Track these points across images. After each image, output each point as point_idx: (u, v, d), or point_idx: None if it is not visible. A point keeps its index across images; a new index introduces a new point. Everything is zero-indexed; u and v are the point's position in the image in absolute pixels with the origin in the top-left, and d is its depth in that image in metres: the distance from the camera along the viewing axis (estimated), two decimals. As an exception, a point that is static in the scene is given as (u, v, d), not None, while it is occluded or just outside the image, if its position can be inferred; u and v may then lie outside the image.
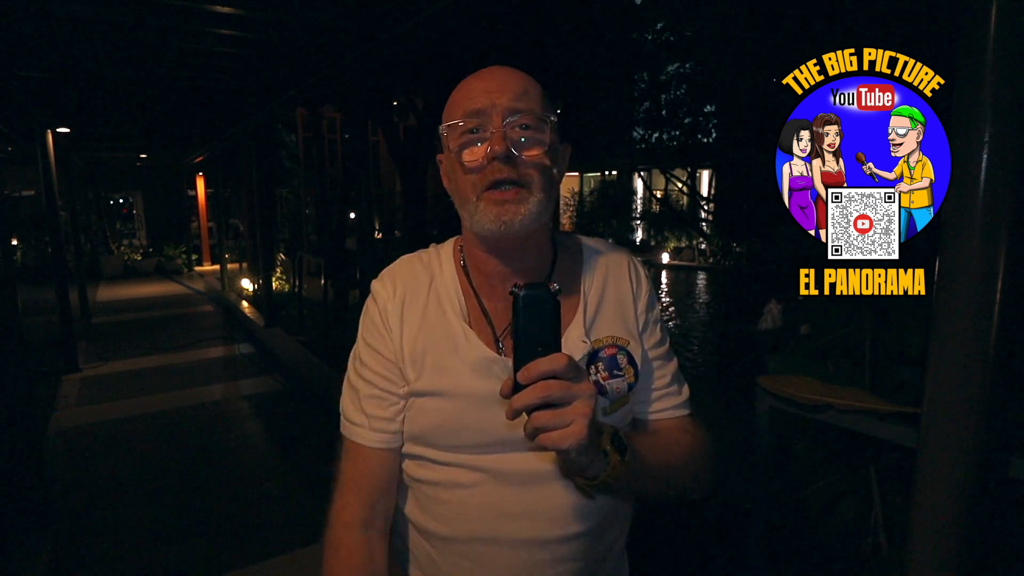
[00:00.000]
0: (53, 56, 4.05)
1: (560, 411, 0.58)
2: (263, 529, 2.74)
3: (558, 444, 0.58)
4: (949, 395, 0.91)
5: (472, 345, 0.79)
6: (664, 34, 9.58)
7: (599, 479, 0.64)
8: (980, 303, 0.86)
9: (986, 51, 0.81)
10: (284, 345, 5.81)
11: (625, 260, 0.89)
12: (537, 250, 0.83)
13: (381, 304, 0.84)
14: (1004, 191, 0.83)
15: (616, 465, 0.64)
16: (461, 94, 0.78)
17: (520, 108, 0.75)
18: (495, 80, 0.77)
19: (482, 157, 0.75)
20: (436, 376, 0.79)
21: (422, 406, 0.80)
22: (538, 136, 0.76)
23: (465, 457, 0.78)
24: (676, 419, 0.87)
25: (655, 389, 0.86)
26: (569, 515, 0.78)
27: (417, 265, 0.87)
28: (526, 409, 0.58)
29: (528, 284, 0.59)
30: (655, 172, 15.95)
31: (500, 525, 0.78)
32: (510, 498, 0.78)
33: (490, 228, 0.74)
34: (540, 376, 0.58)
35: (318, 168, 11.53)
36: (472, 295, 0.84)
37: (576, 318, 0.82)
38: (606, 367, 0.80)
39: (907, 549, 0.98)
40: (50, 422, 4.09)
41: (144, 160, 13.08)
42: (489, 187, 0.74)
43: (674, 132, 10.75)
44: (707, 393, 4.56)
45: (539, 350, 0.58)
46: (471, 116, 0.75)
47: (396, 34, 3.31)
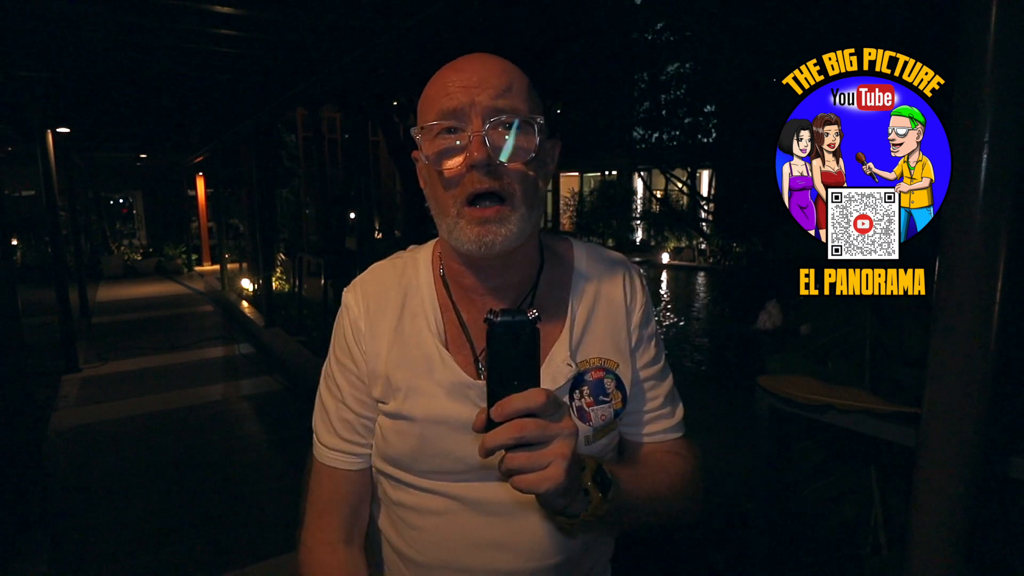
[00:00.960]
0: (53, 56, 4.05)
1: (536, 453, 0.53)
2: (262, 529, 2.74)
3: (534, 487, 0.53)
4: (949, 395, 0.91)
5: (448, 368, 0.74)
6: (664, 34, 9.59)
7: (579, 518, 0.60)
8: (980, 303, 0.86)
9: (986, 51, 0.81)
10: (284, 345, 5.81)
11: (620, 270, 0.83)
12: (522, 263, 0.77)
13: (352, 318, 0.79)
14: (1004, 191, 0.83)
15: (598, 504, 0.60)
16: (437, 88, 0.70)
17: (503, 107, 0.67)
18: (475, 73, 0.68)
19: (460, 165, 0.68)
20: (410, 399, 0.74)
21: (397, 428, 0.75)
22: (523, 143, 0.68)
23: (439, 484, 0.75)
24: (667, 442, 0.82)
25: (647, 411, 0.81)
26: (546, 547, 0.74)
27: (390, 275, 0.81)
28: (499, 448, 0.54)
29: (504, 311, 0.54)
30: (655, 172, 15.95)
31: (474, 555, 0.74)
32: (485, 528, 0.74)
33: (469, 247, 0.68)
34: (515, 414, 0.53)
35: (318, 168, 11.53)
36: (451, 308, 0.78)
37: (562, 338, 0.76)
38: (591, 392, 0.75)
39: (907, 549, 0.98)
40: (50, 422, 4.09)
41: (144, 160, 13.08)
42: (469, 202, 0.68)
43: (674, 132, 10.76)
44: (707, 393, 4.56)
45: (515, 384, 0.54)
46: (447, 115, 0.67)
47: (396, 34, 3.31)
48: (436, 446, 0.73)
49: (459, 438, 0.73)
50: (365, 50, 3.62)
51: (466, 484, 0.74)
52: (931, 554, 0.95)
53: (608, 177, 17.59)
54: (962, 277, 0.87)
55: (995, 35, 0.81)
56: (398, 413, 0.75)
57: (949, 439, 0.92)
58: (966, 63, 0.84)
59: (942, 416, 0.92)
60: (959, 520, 0.92)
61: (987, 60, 0.81)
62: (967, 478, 0.91)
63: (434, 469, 0.74)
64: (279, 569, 2.44)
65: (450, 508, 0.75)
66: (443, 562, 0.76)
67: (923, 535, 0.96)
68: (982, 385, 0.88)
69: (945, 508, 0.93)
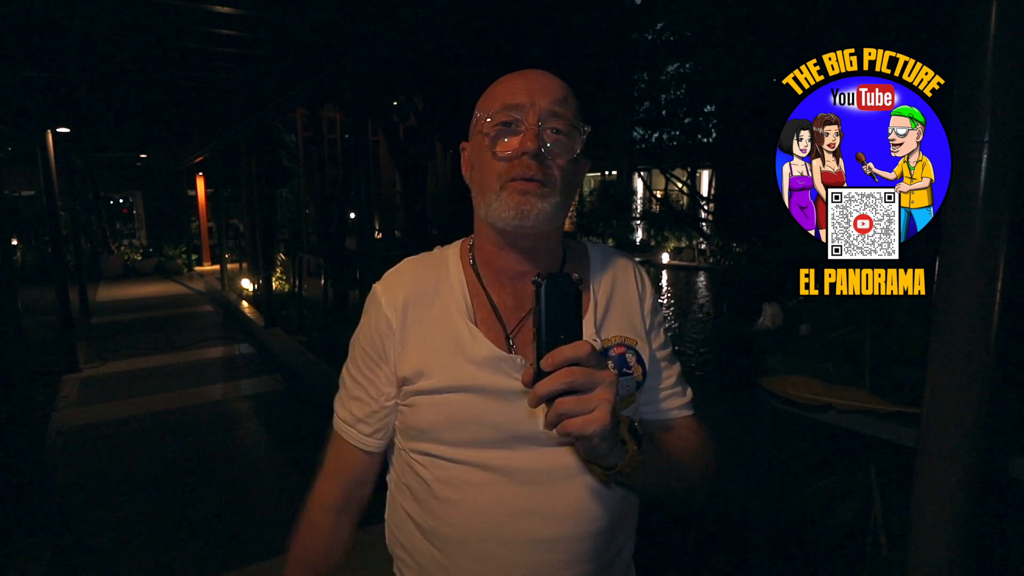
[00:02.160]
0: (53, 56, 4.05)
1: (584, 397, 0.58)
2: (263, 529, 2.74)
3: (582, 430, 0.58)
4: (949, 395, 0.91)
5: (479, 343, 0.78)
6: (664, 34, 9.59)
7: (617, 467, 0.64)
8: (980, 303, 0.86)
9: (986, 51, 0.82)
10: (284, 345, 5.81)
11: (630, 264, 0.90)
12: (548, 251, 0.83)
13: (383, 311, 0.82)
14: (1004, 191, 0.84)
15: (634, 454, 0.65)
16: (503, 87, 0.79)
17: (558, 112, 0.76)
18: (538, 81, 0.78)
19: (514, 149, 0.75)
20: (442, 375, 0.78)
21: (430, 402, 0.78)
22: (569, 144, 0.77)
23: (474, 454, 0.77)
24: (682, 419, 0.88)
25: (662, 389, 0.87)
26: (581, 513, 0.77)
27: (422, 269, 0.86)
28: (551, 395, 0.58)
29: (550, 274, 0.60)
30: (655, 172, 15.94)
31: (511, 524, 0.76)
32: (521, 496, 0.76)
33: (507, 217, 0.75)
34: (564, 363, 0.58)
35: (318, 168, 11.52)
36: (481, 292, 0.83)
37: (587, 318, 0.82)
38: (615, 365, 0.81)
39: (907, 549, 0.98)
40: (50, 422, 4.08)
41: (144, 160, 13.10)
42: (514, 178, 0.75)
43: (674, 132, 10.75)
44: (707, 393, 4.56)
45: (561, 338, 0.59)
46: (510, 109, 0.76)
47: (396, 34, 3.31)
48: (469, 413, 0.76)
49: (493, 405, 0.76)
50: (365, 50, 3.62)
51: (500, 452, 0.77)
52: (931, 554, 0.95)
53: (608, 177, 17.58)
54: (962, 277, 0.87)
55: (995, 35, 0.81)
56: (433, 388, 0.78)
57: (949, 439, 0.92)
58: (966, 63, 0.84)
59: (942, 416, 0.92)
60: (959, 520, 0.92)
61: (987, 60, 0.81)
62: (967, 478, 0.91)
63: (468, 439, 0.77)
64: (279, 569, 2.44)
65: (485, 478, 0.77)
66: (480, 533, 0.77)
67: (923, 535, 0.96)
68: (982, 385, 0.88)
69: (945, 508, 0.93)
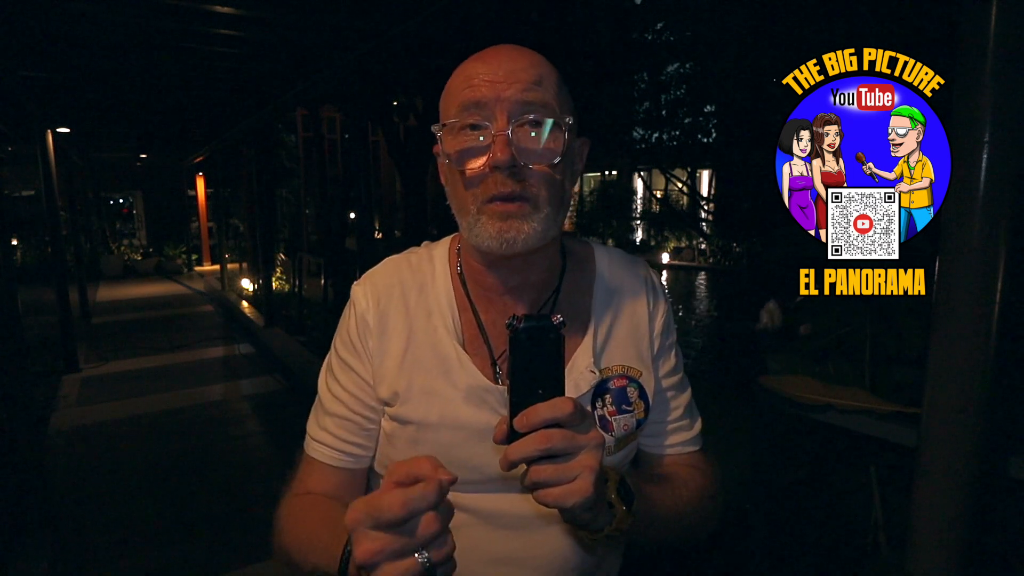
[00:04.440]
0: (53, 56, 4.05)
1: (563, 465, 0.50)
2: (263, 529, 2.74)
3: (561, 502, 0.51)
4: (949, 395, 0.91)
5: (466, 371, 0.70)
6: (664, 34, 9.60)
7: (603, 532, 0.58)
8: (980, 303, 0.86)
9: (986, 51, 0.82)
10: (284, 345, 5.81)
11: (642, 275, 0.80)
12: (544, 263, 0.73)
13: (359, 314, 0.74)
14: (1004, 191, 0.84)
15: (623, 518, 0.58)
16: (460, 80, 0.65)
17: (532, 101, 0.63)
18: (501, 65, 0.64)
19: (482, 166, 0.64)
20: (425, 403, 0.70)
21: (410, 436, 0.71)
22: (550, 145, 0.64)
23: (454, 495, 0.69)
24: (686, 455, 0.80)
25: (668, 422, 0.78)
26: (562, 562, 0.71)
27: (405, 270, 0.76)
28: (524, 460, 0.51)
29: (527, 316, 0.51)
30: (655, 172, 15.96)
31: (487, 570, 0.71)
32: (500, 542, 0.71)
33: (490, 244, 0.64)
34: (541, 423, 0.50)
35: (318, 168, 11.52)
36: (468, 308, 0.74)
37: (585, 343, 0.73)
38: (614, 401, 0.73)
39: (907, 549, 0.98)
40: (50, 422, 4.09)
41: (144, 160, 13.09)
42: (490, 200, 0.64)
43: (674, 132, 10.77)
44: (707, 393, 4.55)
45: (539, 392, 0.51)
46: (470, 108, 0.63)
47: (396, 34, 3.31)
48: (451, 454, 0.68)
49: (476, 447, 0.69)
50: (365, 50, 3.62)
51: (481, 496, 0.71)
52: (931, 554, 0.95)
53: (608, 177, 17.59)
54: (962, 277, 0.87)
55: (995, 35, 0.81)
56: (412, 419, 0.70)
57: (949, 439, 0.92)
58: (966, 63, 0.84)
59: (942, 416, 0.92)
60: (959, 520, 0.92)
61: (987, 60, 0.81)
62: (967, 478, 0.91)
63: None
64: (279, 569, 2.44)
65: (463, 521, 0.69)
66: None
67: (923, 535, 0.96)
68: (982, 385, 0.88)
69: (945, 508, 0.93)
